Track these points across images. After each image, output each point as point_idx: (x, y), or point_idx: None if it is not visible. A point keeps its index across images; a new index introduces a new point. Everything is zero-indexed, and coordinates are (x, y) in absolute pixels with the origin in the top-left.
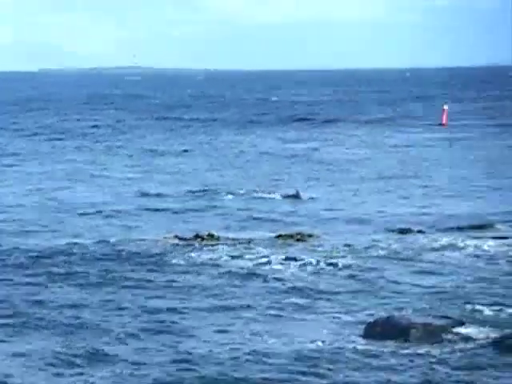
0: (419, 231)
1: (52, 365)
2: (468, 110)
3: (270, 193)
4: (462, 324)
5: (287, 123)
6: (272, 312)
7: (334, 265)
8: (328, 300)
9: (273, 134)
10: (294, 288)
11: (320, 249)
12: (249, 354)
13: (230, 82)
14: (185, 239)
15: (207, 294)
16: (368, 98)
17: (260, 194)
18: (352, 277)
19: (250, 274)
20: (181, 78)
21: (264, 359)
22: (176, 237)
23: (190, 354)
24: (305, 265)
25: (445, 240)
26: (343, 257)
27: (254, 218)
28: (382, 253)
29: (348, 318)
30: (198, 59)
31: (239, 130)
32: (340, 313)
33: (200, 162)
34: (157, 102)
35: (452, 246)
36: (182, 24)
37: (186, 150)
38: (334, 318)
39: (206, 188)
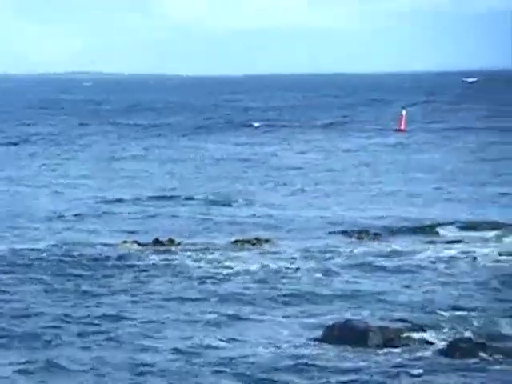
0: (375, 234)
1: (5, 377)
2: (426, 115)
3: (226, 198)
4: (419, 328)
5: (242, 128)
6: (229, 318)
7: (292, 269)
8: (286, 304)
9: (228, 138)
10: (251, 293)
11: (277, 253)
12: (205, 361)
13: (187, 87)
14: (144, 244)
15: (165, 300)
16: (329, 102)
17: (217, 199)
18: (310, 281)
19: (208, 279)
20: (137, 83)
21: (220, 366)
22: (135, 242)
23: (146, 364)
24: (262, 269)
25: (400, 244)
26: (301, 261)
27: (212, 223)
28: (339, 257)
29: (306, 322)
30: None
31: (193, 135)
32: (298, 317)
33: (156, 167)
34: (108, 107)
35: (408, 250)
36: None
37: (141, 155)
38: (291, 322)
39: (163, 193)
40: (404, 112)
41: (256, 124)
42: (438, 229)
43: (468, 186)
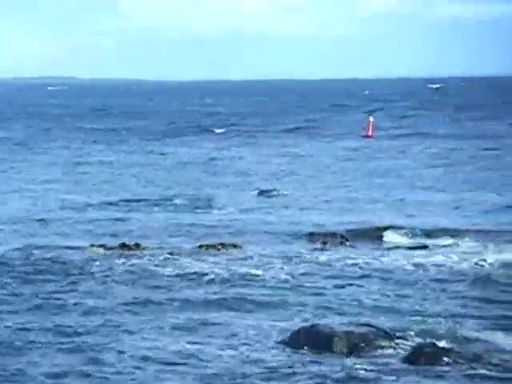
0: (342, 237)
1: None
2: (391, 121)
3: (192, 202)
4: (384, 333)
5: (208, 133)
6: (193, 322)
7: (258, 274)
8: (251, 309)
9: (193, 143)
10: (216, 298)
11: (243, 258)
12: (169, 366)
13: (153, 92)
14: (111, 248)
15: (129, 305)
16: (293, 107)
17: (183, 203)
18: (276, 286)
19: (173, 284)
20: (103, 88)
21: (184, 371)
22: (102, 246)
23: (108, 370)
24: (228, 274)
25: (365, 248)
26: (267, 266)
27: (179, 228)
28: (305, 261)
29: (272, 327)
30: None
31: (159, 139)
32: (263, 322)
33: (122, 171)
34: (74, 112)
35: (373, 255)
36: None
37: (106, 160)
38: (257, 327)
39: (130, 198)
40: (371, 118)
41: (220, 130)
42: (400, 234)
43: (434, 192)
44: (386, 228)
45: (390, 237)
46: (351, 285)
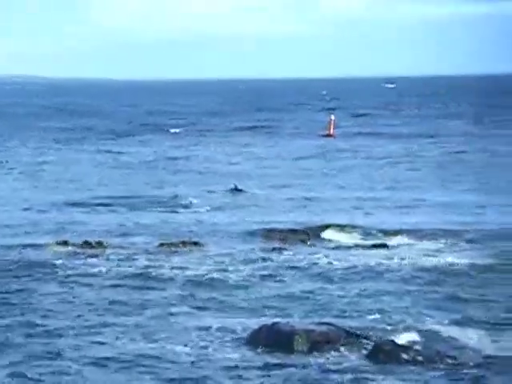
0: (303, 234)
1: None
2: (350, 120)
3: (154, 201)
4: (345, 331)
5: (166, 132)
6: (154, 321)
7: (218, 272)
8: (212, 308)
9: (150, 142)
10: (177, 296)
11: (204, 257)
12: (127, 366)
13: (109, 91)
14: (74, 245)
15: (88, 305)
16: (250, 106)
17: (143, 202)
18: (236, 284)
19: (133, 282)
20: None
21: (143, 371)
22: (64, 244)
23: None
24: (188, 272)
25: (326, 247)
26: (227, 264)
27: (140, 226)
28: (265, 260)
29: (232, 325)
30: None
31: (116, 139)
32: (224, 320)
33: (80, 171)
34: (28, 110)
35: (334, 253)
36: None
37: (63, 160)
38: (217, 325)
39: (92, 196)
40: (333, 117)
41: (176, 129)
42: (358, 233)
43: (394, 191)
44: (344, 226)
45: (348, 236)
46: (312, 283)
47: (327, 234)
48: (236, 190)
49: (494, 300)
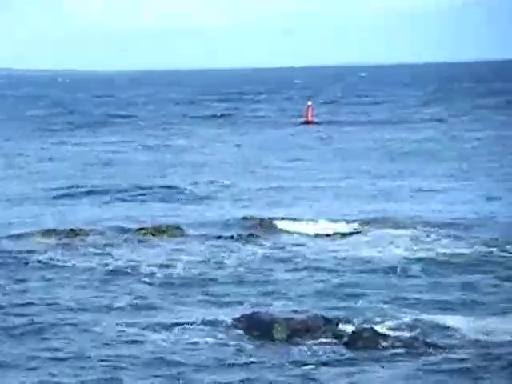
0: (282, 220)
1: None
2: (326, 108)
3: (133, 192)
4: (325, 319)
5: (133, 123)
6: (135, 310)
7: (197, 261)
8: (191, 297)
9: (120, 133)
10: (157, 285)
11: (181, 243)
12: (105, 356)
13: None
14: (55, 235)
15: (68, 292)
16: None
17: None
18: (217, 272)
19: (114, 270)
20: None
21: (122, 360)
22: (48, 231)
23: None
24: (167, 261)
25: (303, 236)
26: (206, 253)
27: (120, 215)
28: (246, 248)
29: (212, 314)
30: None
31: (85, 130)
32: (204, 309)
33: (52, 161)
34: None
35: (312, 242)
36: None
37: (36, 151)
38: (196, 315)
39: (69, 185)
40: (310, 102)
41: (143, 123)
42: (336, 222)
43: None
44: (320, 215)
45: (325, 224)
46: (292, 272)
47: (305, 223)
48: (213, 181)
49: (476, 287)
